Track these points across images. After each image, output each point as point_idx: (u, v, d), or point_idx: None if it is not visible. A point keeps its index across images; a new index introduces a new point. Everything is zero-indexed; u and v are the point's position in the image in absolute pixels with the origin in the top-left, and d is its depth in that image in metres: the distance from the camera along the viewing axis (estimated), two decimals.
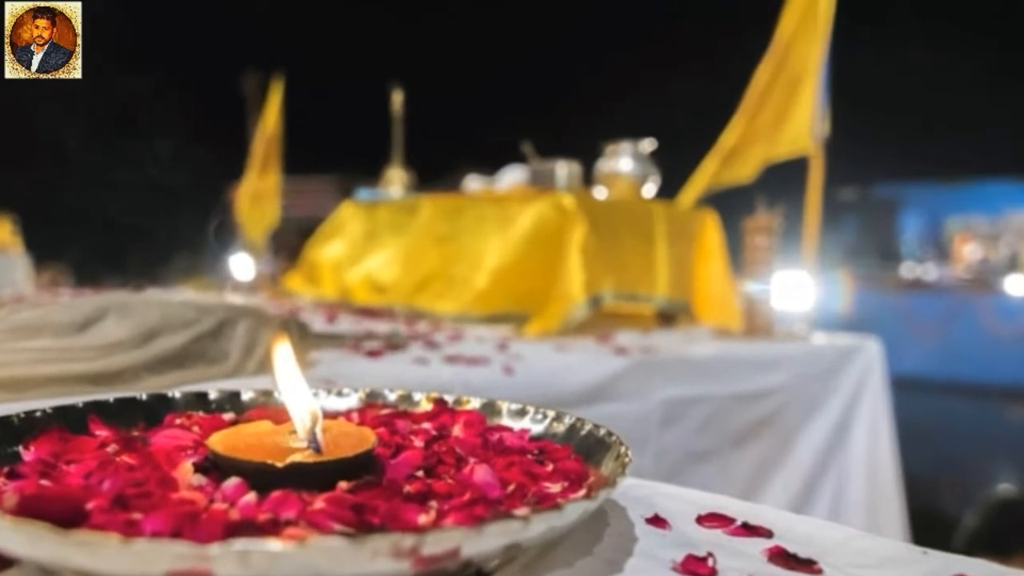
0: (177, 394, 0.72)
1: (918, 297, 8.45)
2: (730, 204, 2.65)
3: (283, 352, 0.61)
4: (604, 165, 2.59)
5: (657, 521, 0.58)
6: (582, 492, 0.55)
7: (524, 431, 0.69)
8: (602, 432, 0.64)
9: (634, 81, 9.11)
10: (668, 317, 2.46)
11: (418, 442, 0.64)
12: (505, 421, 0.71)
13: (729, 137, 2.65)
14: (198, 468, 0.53)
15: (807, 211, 2.53)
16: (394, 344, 1.66)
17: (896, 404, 2.30)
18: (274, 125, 4.59)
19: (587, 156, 2.63)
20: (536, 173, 2.57)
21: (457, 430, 0.68)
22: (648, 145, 2.60)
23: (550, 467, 0.60)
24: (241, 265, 3.70)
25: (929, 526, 2.94)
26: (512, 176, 2.77)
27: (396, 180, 3.37)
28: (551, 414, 0.70)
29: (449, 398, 0.75)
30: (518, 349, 1.73)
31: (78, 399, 0.67)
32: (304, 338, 1.50)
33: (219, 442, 0.55)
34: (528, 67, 10.06)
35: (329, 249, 3.11)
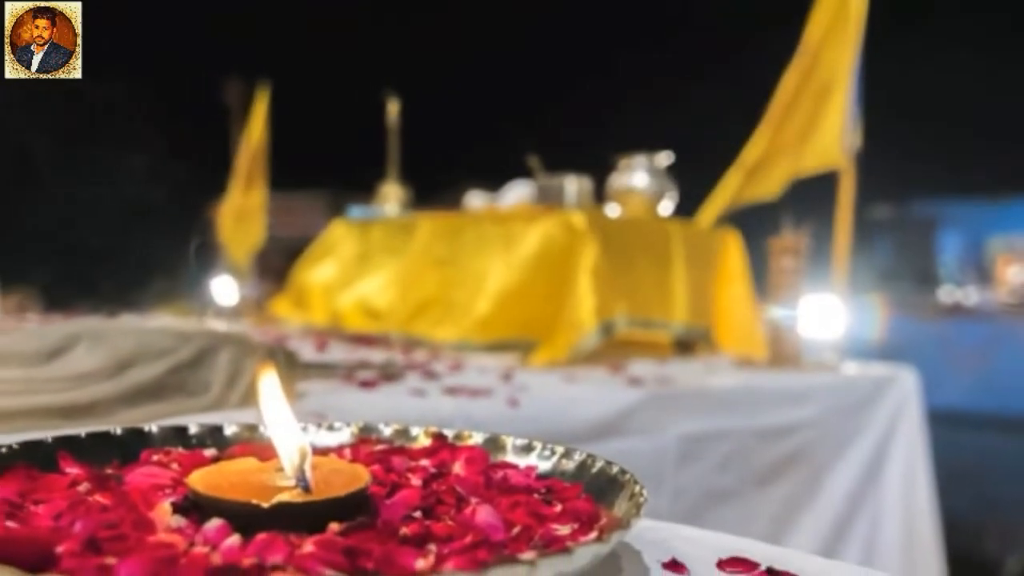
0: (154, 428, 0.72)
1: (958, 323, 8.42)
2: (754, 223, 2.64)
3: (269, 383, 0.61)
4: (617, 181, 2.59)
5: (675, 566, 0.58)
6: (593, 535, 0.55)
7: (530, 469, 0.69)
8: (615, 470, 0.64)
9: (649, 88, 9.07)
10: (686, 345, 2.46)
11: (415, 480, 0.64)
12: (510, 458, 0.71)
13: (752, 150, 2.63)
14: (177, 508, 0.53)
15: (837, 230, 2.53)
16: (389, 374, 1.66)
17: (934, 440, 2.29)
18: (259, 137, 4.58)
19: (598, 170, 2.61)
20: (543, 189, 2.57)
21: (458, 467, 0.68)
22: (665, 159, 2.59)
23: (558, 507, 0.60)
24: (224, 289, 3.69)
25: (970, 573, 2.92)
26: (517, 192, 2.77)
27: (392, 197, 3.38)
28: (560, 450, 0.70)
29: (449, 433, 0.75)
30: (524, 380, 1.73)
31: (47, 434, 0.67)
32: (292, 368, 1.50)
33: (200, 480, 0.55)
34: (534, 74, 10.01)
35: (319, 271, 3.11)
